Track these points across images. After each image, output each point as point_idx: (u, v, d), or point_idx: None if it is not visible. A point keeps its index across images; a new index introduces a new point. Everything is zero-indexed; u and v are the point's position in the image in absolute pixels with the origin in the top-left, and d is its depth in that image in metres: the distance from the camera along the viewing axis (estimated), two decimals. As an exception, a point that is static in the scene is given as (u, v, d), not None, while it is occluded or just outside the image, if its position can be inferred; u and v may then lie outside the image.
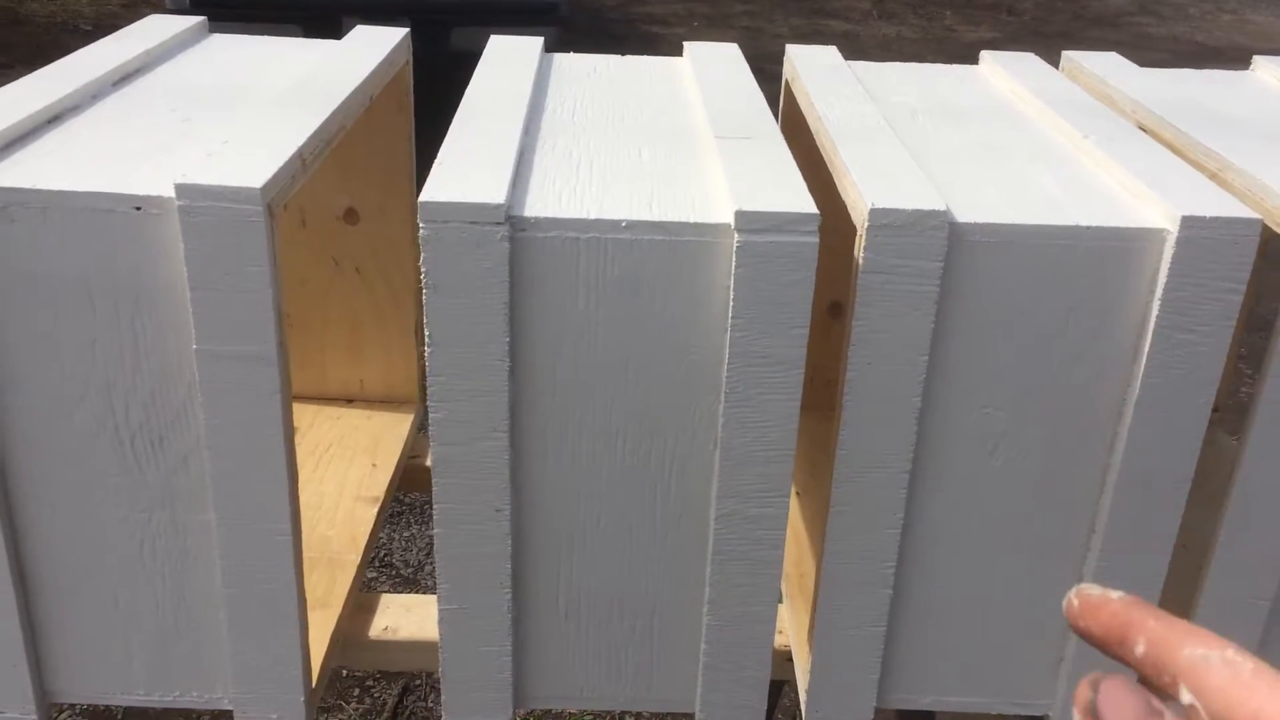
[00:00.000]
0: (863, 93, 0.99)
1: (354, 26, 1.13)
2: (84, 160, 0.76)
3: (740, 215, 0.72)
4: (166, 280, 0.72)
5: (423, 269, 0.73)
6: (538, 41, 1.12)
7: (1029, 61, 1.14)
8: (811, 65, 1.08)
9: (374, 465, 1.15)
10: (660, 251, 0.73)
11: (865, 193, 0.74)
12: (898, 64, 1.16)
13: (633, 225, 0.73)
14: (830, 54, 1.13)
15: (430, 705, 2.14)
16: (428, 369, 0.75)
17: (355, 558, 1.01)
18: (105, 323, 0.73)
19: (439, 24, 4.45)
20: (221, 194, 0.69)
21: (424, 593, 2.39)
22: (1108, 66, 1.12)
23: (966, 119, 0.98)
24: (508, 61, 1.03)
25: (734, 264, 0.72)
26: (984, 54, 1.17)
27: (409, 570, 2.46)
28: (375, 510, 1.08)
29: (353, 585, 0.98)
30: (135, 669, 0.84)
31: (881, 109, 0.96)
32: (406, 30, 1.12)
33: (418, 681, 2.19)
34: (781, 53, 1.14)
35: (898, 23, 7.18)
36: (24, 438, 0.77)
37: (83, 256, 0.72)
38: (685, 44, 1.15)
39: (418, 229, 0.71)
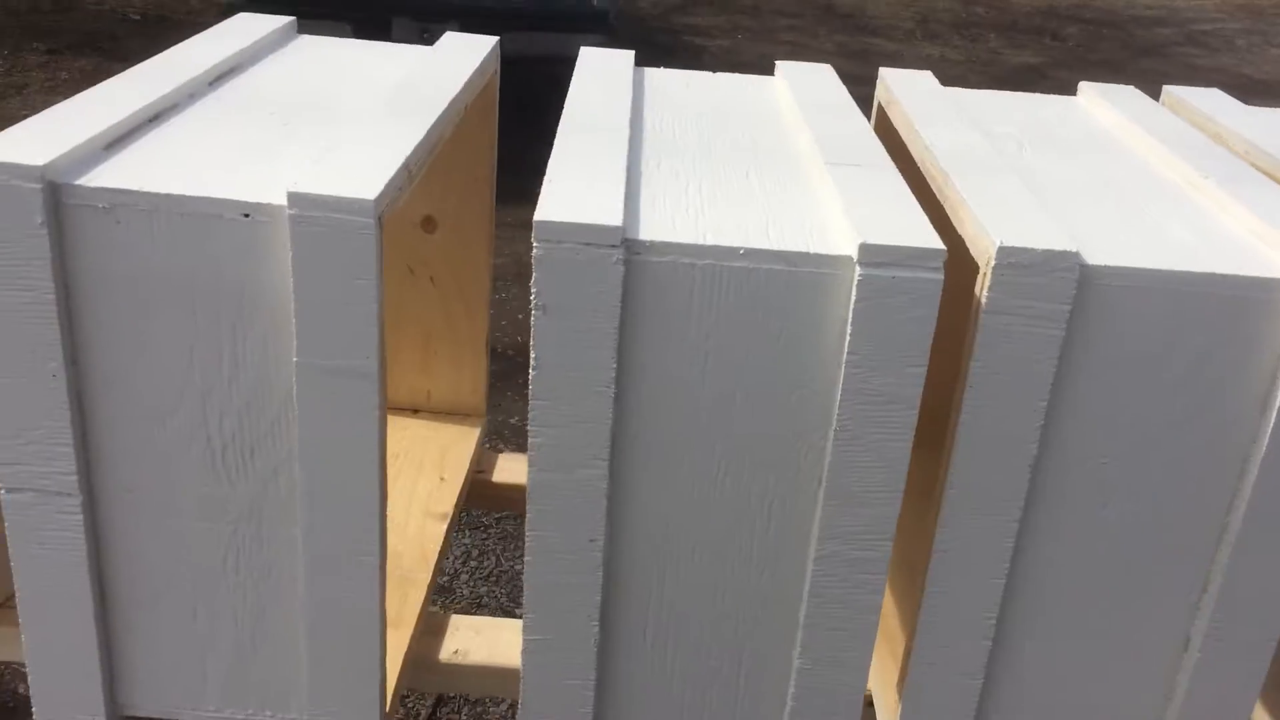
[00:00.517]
0: (967, 121, 0.96)
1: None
2: (187, 162, 0.74)
3: (864, 248, 0.69)
4: (270, 289, 0.70)
5: (532, 289, 0.70)
6: (628, 54, 1.10)
7: (1130, 95, 1.11)
8: (910, 90, 1.05)
9: (442, 479, 1.13)
10: (778, 282, 0.70)
11: (991, 229, 0.72)
12: (994, 91, 1.13)
13: (751, 254, 0.70)
14: (927, 78, 1.10)
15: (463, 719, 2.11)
16: (531, 392, 0.72)
17: (426, 576, 0.99)
18: (206, 329, 0.72)
19: (488, 29, 4.44)
20: (334, 204, 0.67)
21: (458, 600, 2.38)
22: (1213, 103, 1.09)
23: (1074, 153, 0.95)
24: (602, 76, 1.01)
25: (854, 297, 0.70)
26: (1082, 85, 1.14)
27: (444, 578, 2.44)
28: (445, 527, 1.05)
29: (424, 604, 0.96)
30: (209, 683, 0.82)
31: (987, 139, 0.94)
32: (496, 39, 1.11)
33: (452, 694, 2.17)
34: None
35: (941, 43, 7.13)
36: (114, 442, 0.75)
37: (187, 261, 0.70)
38: (778, 63, 1.12)
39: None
